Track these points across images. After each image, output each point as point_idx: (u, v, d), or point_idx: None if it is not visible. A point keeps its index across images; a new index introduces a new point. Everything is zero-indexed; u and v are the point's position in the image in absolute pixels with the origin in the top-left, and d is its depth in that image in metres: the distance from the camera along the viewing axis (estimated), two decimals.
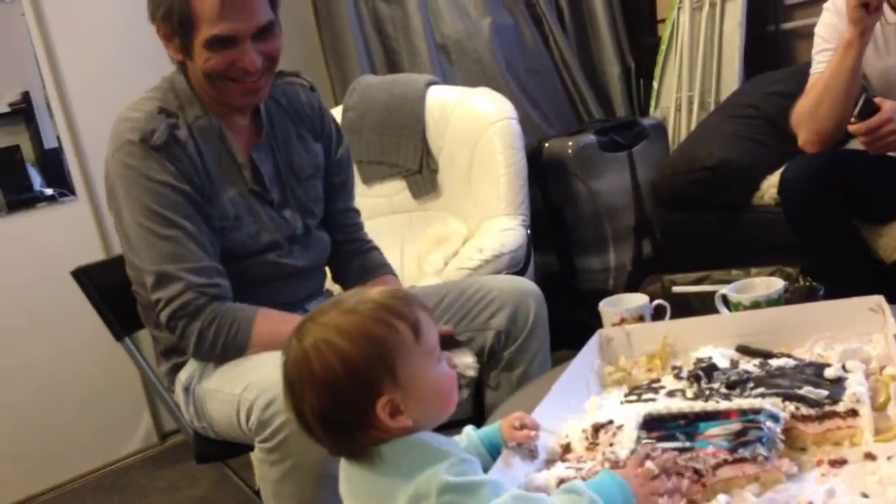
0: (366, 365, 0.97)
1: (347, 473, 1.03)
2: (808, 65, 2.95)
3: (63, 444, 2.94)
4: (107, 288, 1.86)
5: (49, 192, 2.96)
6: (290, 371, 1.00)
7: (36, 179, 2.95)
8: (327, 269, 1.96)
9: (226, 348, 1.62)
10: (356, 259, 1.95)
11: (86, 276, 1.87)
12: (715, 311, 1.62)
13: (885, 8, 2.14)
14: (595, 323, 1.63)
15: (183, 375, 1.75)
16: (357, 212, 1.99)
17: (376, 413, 0.97)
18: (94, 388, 2.99)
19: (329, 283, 1.98)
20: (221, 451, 1.79)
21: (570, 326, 2.37)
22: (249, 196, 1.72)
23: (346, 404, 0.97)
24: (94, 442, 3.01)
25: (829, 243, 2.07)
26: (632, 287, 2.66)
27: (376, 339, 0.98)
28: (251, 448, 1.75)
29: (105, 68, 2.98)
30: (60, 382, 2.93)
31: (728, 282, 1.72)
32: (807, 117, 2.14)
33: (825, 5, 2.25)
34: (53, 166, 2.97)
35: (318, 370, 0.97)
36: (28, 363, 2.87)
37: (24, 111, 2.90)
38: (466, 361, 1.62)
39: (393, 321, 0.99)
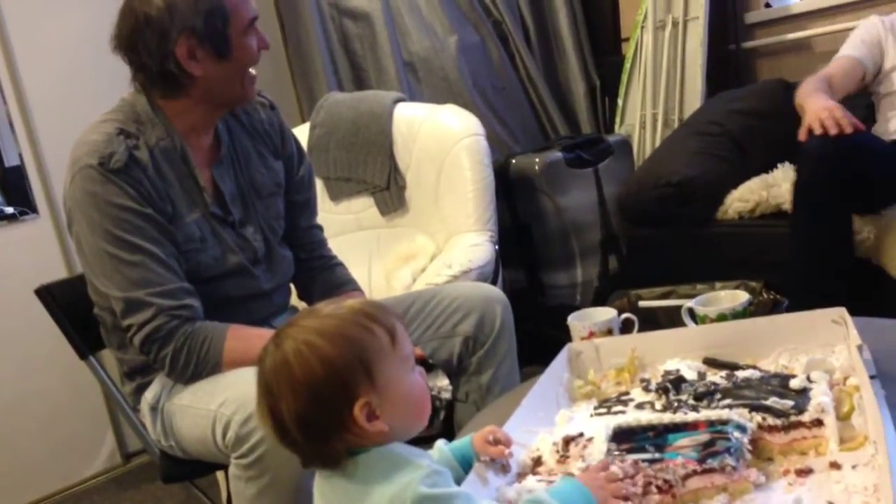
0: (345, 366, 0.98)
1: (321, 488, 1.03)
2: (769, 83, 3.03)
3: (24, 465, 2.88)
4: (71, 306, 1.84)
5: (9, 210, 2.92)
6: (269, 376, 1.00)
7: None
8: (292, 286, 1.96)
9: (199, 368, 1.61)
10: (321, 275, 1.95)
11: (49, 295, 1.85)
12: (681, 324, 1.64)
13: None
14: (563, 338, 1.63)
15: (149, 394, 1.73)
16: (320, 228, 1.99)
17: (353, 416, 0.97)
18: (56, 408, 2.94)
19: (294, 300, 1.98)
20: (188, 470, 1.77)
21: (538, 342, 2.38)
22: (211, 219, 1.71)
23: (325, 405, 0.97)
24: (55, 463, 2.96)
25: (823, 219, 2.13)
26: (598, 302, 2.68)
27: (355, 340, 0.99)
28: (219, 467, 1.75)
29: (68, 86, 2.96)
30: (21, 402, 2.88)
31: (693, 296, 1.74)
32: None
33: (873, 19, 2.46)
34: (15, 185, 2.93)
35: (298, 371, 0.97)
36: None
37: None
38: (441, 384, 1.62)
39: (370, 325, 1.01)
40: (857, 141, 2.15)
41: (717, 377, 1.32)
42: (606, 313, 1.66)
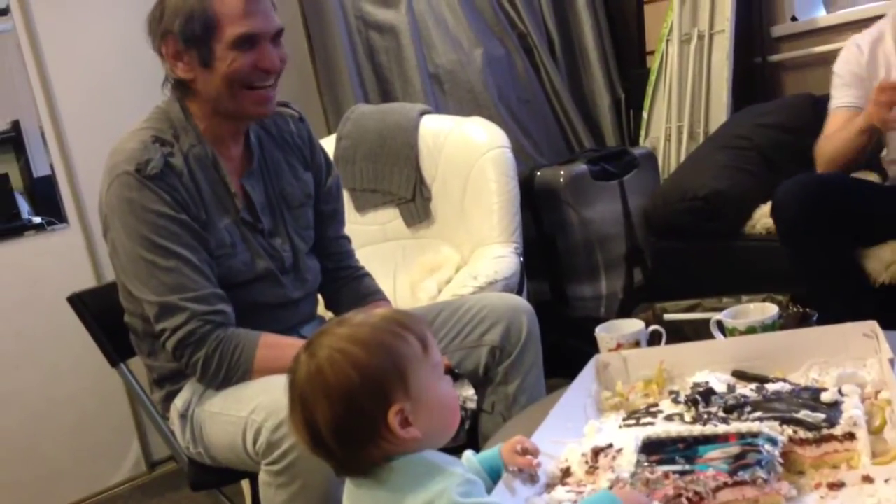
0: (379, 372, 0.99)
1: (352, 496, 1.04)
2: (797, 97, 3.00)
3: (50, 472, 2.91)
4: (102, 314, 1.86)
5: (37, 220, 2.94)
6: (303, 385, 1.00)
7: (24, 208, 2.94)
8: (319, 296, 1.97)
9: (229, 374, 1.63)
10: (348, 286, 1.96)
11: (81, 303, 1.87)
12: (707, 338, 1.64)
13: None
14: (587, 350, 1.63)
15: (179, 401, 1.74)
16: (348, 239, 2.00)
17: (388, 422, 0.98)
18: (83, 416, 2.96)
19: (321, 310, 1.99)
20: (216, 477, 1.78)
21: (563, 354, 2.37)
22: (242, 225, 1.73)
23: (360, 413, 0.98)
24: (81, 470, 2.97)
25: (819, 261, 2.11)
26: (623, 315, 2.67)
27: (388, 347, 1.00)
28: (246, 475, 1.76)
29: (100, 96, 2.99)
30: (48, 409, 2.91)
31: (719, 310, 1.73)
32: (826, 160, 2.26)
33: (847, 42, 2.37)
34: (44, 194, 2.96)
35: (333, 380, 0.98)
36: (16, 390, 2.85)
37: (13, 140, 2.90)
38: (467, 394, 1.63)
39: (403, 332, 1.02)
40: (825, 180, 2.16)
41: (746, 390, 1.32)
42: (634, 325, 1.66)
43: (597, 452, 1.22)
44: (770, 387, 1.30)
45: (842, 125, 2.25)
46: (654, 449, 1.18)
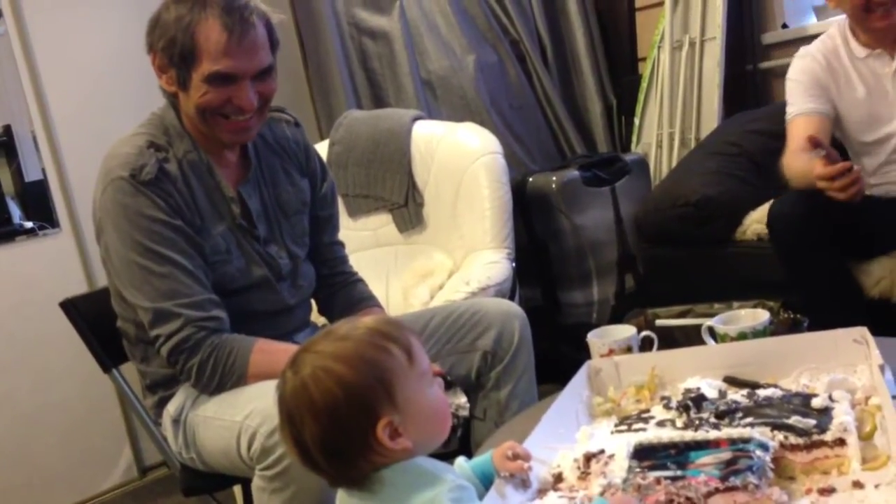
0: (364, 388, 0.98)
1: (345, 503, 1.04)
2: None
3: (42, 478, 2.90)
4: (95, 319, 1.86)
5: (29, 225, 2.94)
6: (289, 402, 1.00)
7: (15, 212, 2.93)
8: (313, 301, 1.97)
9: (224, 379, 1.63)
10: (342, 292, 1.97)
11: (74, 308, 1.86)
12: (699, 343, 1.64)
13: (853, 43, 2.21)
14: (579, 356, 1.64)
15: (171, 407, 1.74)
16: (342, 245, 2.01)
17: (377, 436, 0.98)
18: (74, 421, 2.96)
19: (315, 316, 1.99)
20: (209, 483, 1.78)
21: (554, 360, 2.38)
22: (237, 231, 1.73)
23: (347, 429, 0.98)
24: (73, 476, 2.97)
25: (817, 275, 2.10)
26: (615, 321, 2.67)
27: (372, 362, 1.00)
28: (239, 480, 1.76)
29: (92, 100, 2.99)
30: (39, 415, 2.90)
31: (711, 315, 1.74)
32: (794, 185, 2.21)
33: (799, 53, 2.34)
34: (36, 199, 2.95)
35: (318, 397, 0.98)
36: (6, 395, 2.84)
37: (4, 144, 2.90)
38: (459, 401, 1.63)
39: (386, 345, 1.02)
40: (818, 197, 2.13)
41: (738, 395, 1.32)
42: (626, 331, 1.66)
43: (589, 458, 1.23)
44: (761, 392, 1.31)
45: (802, 141, 2.15)
46: (645, 455, 1.19)
